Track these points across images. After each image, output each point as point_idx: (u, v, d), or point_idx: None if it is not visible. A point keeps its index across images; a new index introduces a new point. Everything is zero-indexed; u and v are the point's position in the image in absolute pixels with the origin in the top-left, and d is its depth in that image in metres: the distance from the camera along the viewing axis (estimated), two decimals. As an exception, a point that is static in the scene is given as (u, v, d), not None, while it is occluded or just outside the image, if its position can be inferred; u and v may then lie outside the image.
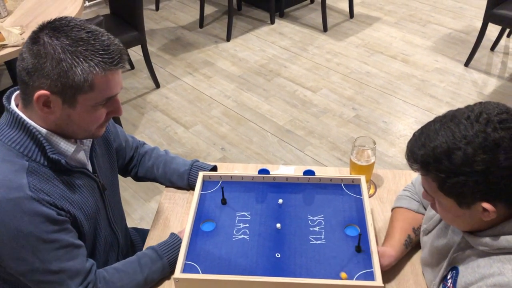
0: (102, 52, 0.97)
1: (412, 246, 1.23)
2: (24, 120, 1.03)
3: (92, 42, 0.97)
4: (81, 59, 0.95)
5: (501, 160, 0.83)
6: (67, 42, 0.96)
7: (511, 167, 0.84)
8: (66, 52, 0.95)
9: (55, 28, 0.97)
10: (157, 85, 3.45)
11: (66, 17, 1.01)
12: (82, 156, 1.14)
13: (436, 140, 0.88)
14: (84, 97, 0.99)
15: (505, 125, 0.85)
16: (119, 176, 1.42)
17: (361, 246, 1.13)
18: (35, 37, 0.98)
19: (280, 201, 1.26)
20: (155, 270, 1.18)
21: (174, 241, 1.22)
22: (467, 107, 0.91)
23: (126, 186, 2.63)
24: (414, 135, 0.94)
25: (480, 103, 0.91)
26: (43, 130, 1.04)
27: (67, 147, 1.08)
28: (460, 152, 0.85)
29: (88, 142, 1.18)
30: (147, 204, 2.55)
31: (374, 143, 1.38)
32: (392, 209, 1.31)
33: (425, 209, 1.26)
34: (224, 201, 1.23)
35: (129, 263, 1.18)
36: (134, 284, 1.15)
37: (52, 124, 1.04)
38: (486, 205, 0.87)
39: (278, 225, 1.19)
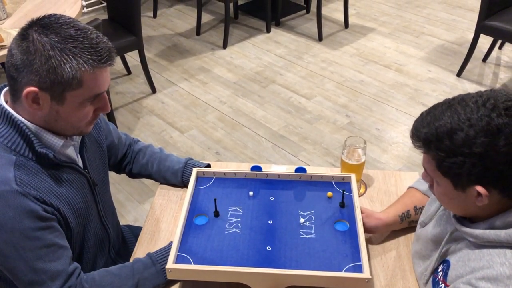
0: (91, 50, 0.98)
1: (409, 223, 1.28)
2: (13, 115, 1.04)
3: (81, 39, 0.98)
4: (70, 56, 0.97)
5: (500, 145, 0.85)
6: (56, 39, 0.97)
7: (509, 153, 0.85)
8: (55, 49, 0.96)
9: (44, 25, 0.98)
10: (154, 90, 3.48)
11: (55, 14, 1.02)
12: (71, 152, 1.15)
13: (441, 120, 0.90)
14: (72, 94, 1.01)
15: (510, 112, 0.86)
16: (114, 177, 1.43)
17: (344, 202, 1.26)
18: (24, 34, 0.99)
19: (272, 198, 1.29)
20: (147, 276, 1.15)
21: (170, 248, 1.17)
22: (477, 92, 0.93)
23: (121, 188, 2.65)
24: (421, 114, 0.97)
25: (491, 90, 0.93)
26: (32, 126, 1.05)
27: (56, 141, 1.09)
28: (462, 133, 0.87)
29: (77, 138, 1.18)
30: (141, 206, 2.56)
31: (365, 142, 1.41)
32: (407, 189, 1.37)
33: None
34: (216, 214, 1.24)
35: (124, 267, 1.17)
36: None
37: (41, 120, 1.05)
38: (479, 188, 0.89)
39: (270, 221, 1.21)
